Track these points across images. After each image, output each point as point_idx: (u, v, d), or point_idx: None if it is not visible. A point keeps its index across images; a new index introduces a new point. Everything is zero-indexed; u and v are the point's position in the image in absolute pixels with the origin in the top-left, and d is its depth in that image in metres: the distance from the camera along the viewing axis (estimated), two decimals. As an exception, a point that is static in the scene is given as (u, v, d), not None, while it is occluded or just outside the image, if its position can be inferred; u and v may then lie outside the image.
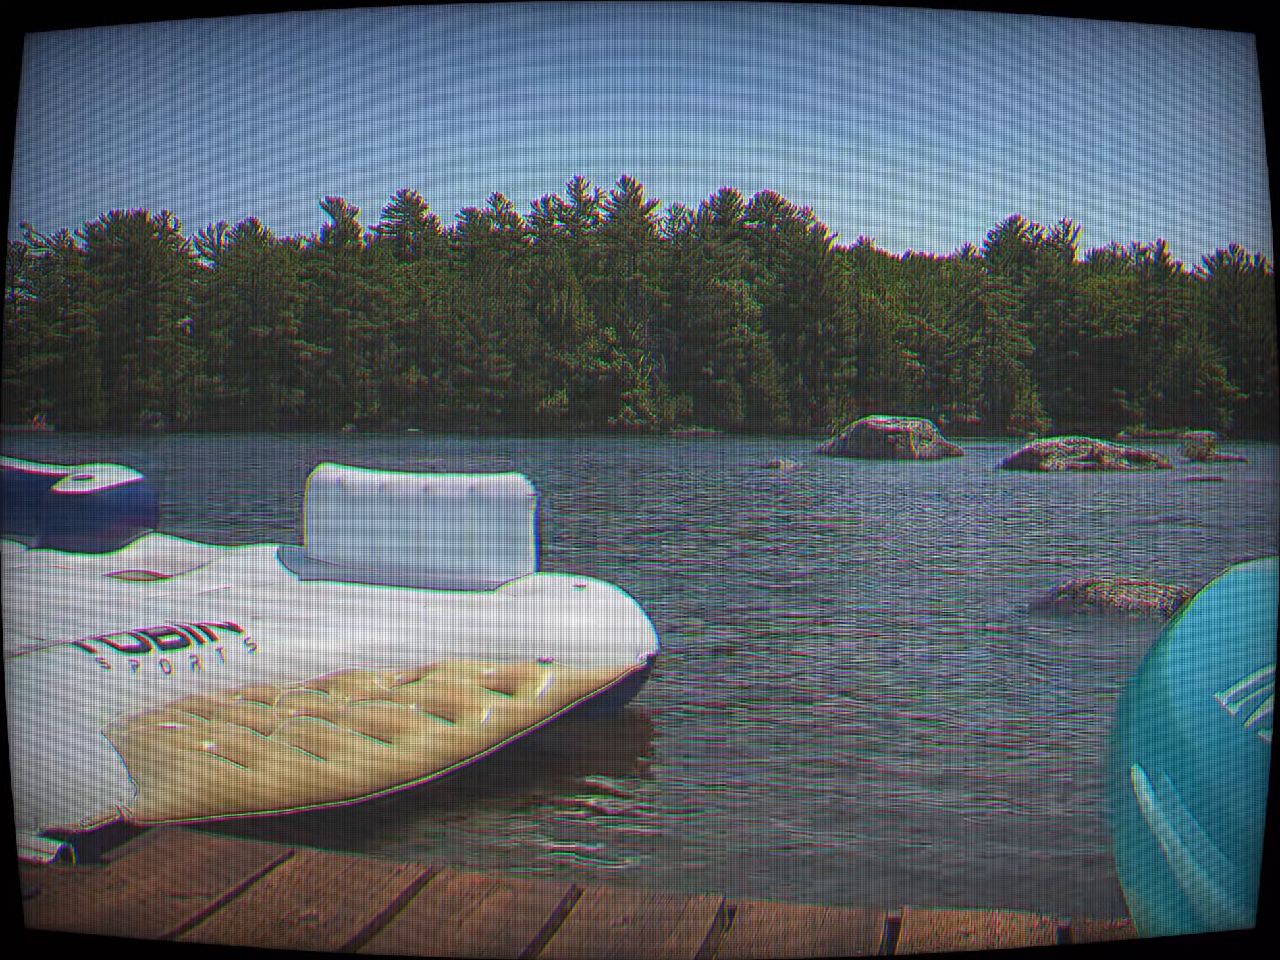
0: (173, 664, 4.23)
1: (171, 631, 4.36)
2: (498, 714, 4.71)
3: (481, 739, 4.60)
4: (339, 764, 4.09)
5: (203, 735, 3.96)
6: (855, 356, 57.51)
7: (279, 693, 4.48)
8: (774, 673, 6.66)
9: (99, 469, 6.48)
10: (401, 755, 4.29)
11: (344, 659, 4.77)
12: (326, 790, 4.02)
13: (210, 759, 3.85)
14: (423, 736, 4.39)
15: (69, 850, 3.03)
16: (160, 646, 4.25)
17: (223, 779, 3.80)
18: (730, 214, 60.65)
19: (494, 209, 60.34)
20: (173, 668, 4.22)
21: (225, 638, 4.47)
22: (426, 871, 2.95)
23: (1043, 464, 25.83)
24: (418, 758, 4.33)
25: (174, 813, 3.61)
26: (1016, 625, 7.95)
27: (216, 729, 4.03)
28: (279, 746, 4.05)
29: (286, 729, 4.19)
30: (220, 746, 3.92)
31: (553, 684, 4.96)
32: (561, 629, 5.21)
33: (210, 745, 3.90)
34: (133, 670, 4.10)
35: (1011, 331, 58.60)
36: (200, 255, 56.39)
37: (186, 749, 3.85)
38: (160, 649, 4.24)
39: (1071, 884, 3.78)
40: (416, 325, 55.48)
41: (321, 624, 4.97)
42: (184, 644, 4.32)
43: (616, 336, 56.50)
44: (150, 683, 4.14)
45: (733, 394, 56.23)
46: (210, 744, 3.91)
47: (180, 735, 3.92)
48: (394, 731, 4.35)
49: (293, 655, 4.65)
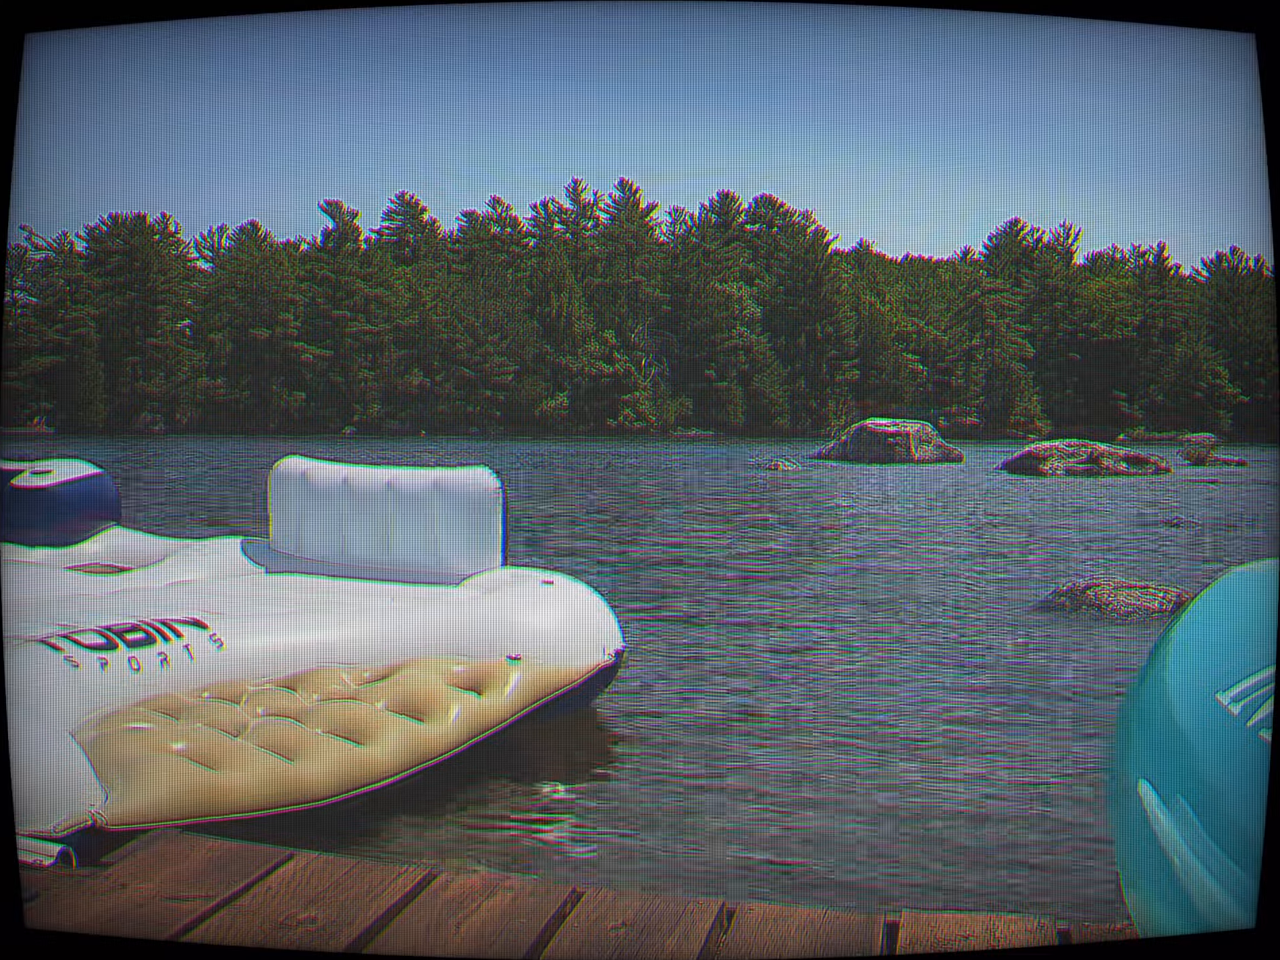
0: (141, 661, 4.17)
1: (136, 628, 4.30)
2: (466, 713, 4.67)
3: (450, 738, 4.55)
4: (307, 766, 4.05)
5: (172, 736, 3.90)
6: (855, 359, 57.57)
7: (247, 690, 4.43)
8: (766, 672, 6.66)
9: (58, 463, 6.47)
10: (370, 756, 4.24)
11: (311, 655, 4.72)
12: (295, 792, 3.97)
13: (180, 762, 3.80)
14: (391, 736, 4.34)
15: (69, 853, 3.03)
16: (127, 644, 4.19)
17: (193, 782, 3.74)
18: (730, 217, 60.71)
19: (494, 212, 60.47)
20: (141, 665, 4.17)
21: (191, 634, 4.42)
22: (426, 875, 2.95)
23: (1042, 467, 25.84)
24: (386, 758, 4.28)
25: (146, 817, 3.55)
26: (1016, 627, 7.95)
27: (186, 730, 3.98)
28: (248, 748, 4.00)
29: (255, 730, 4.15)
30: (190, 749, 3.86)
31: (522, 681, 4.93)
32: (530, 626, 5.18)
33: (180, 747, 3.85)
34: (101, 668, 4.04)
35: (1011, 334, 58.66)
36: (200, 258, 56.55)
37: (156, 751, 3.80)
38: (127, 646, 4.18)
39: (1071, 888, 3.78)
40: (417, 328, 55.53)
41: (288, 620, 4.92)
42: (150, 641, 4.27)
43: (616, 339, 56.55)
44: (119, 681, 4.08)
45: (733, 397, 56.29)
46: (180, 745, 3.86)
47: (150, 737, 3.87)
48: (362, 732, 4.31)
49: (260, 652, 4.60)
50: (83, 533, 6.37)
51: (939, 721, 5.65)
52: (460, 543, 5.73)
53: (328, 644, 4.82)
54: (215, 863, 3.00)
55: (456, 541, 5.73)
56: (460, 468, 5.94)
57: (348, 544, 5.90)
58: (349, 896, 2.81)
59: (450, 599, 5.43)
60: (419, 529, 5.77)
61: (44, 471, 6.36)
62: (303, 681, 4.61)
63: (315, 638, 4.83)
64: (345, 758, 4.18)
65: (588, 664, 5.27)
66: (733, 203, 60.82)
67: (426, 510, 5.76)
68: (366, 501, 5.88)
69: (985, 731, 5.49)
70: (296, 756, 4.07)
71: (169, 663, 4.28)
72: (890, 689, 6.29)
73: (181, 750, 3.85)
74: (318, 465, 6.12)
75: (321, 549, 5.98)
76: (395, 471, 5.97)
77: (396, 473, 5.96)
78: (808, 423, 54.76)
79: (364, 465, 6.17)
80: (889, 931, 2.68)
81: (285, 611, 5.08)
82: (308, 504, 5.99)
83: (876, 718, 5.72)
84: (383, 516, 5.83)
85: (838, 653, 7.23)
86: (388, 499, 5.83)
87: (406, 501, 5.81)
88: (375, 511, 5.84)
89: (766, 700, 6.04)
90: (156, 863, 3.00)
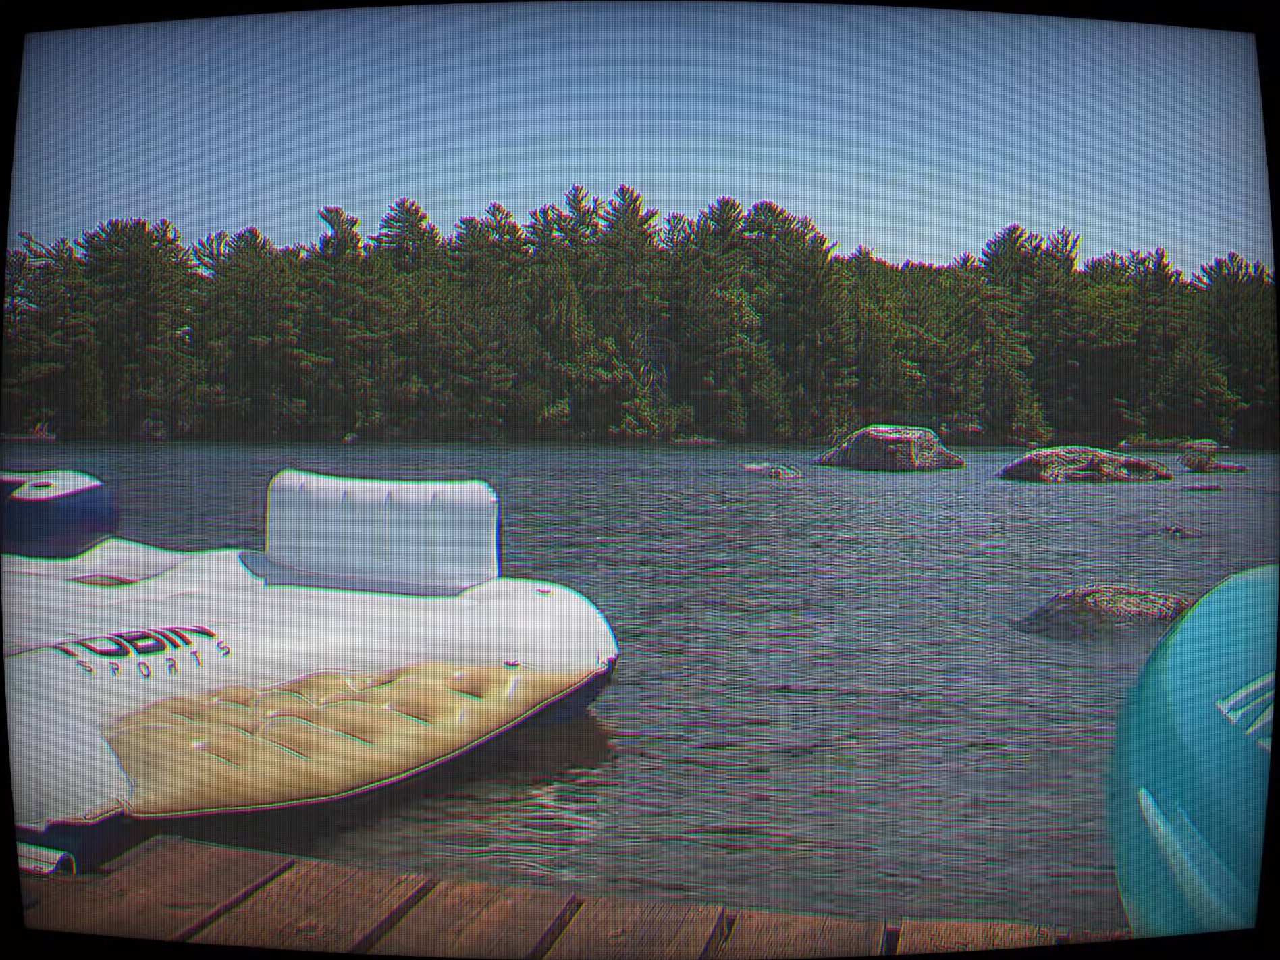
0: (150, 667, 4.34)
1: (146, 635, 4.47)
2: (471, 714, 4.83)
3: (456, 739, 4.72)
4: (322, 762, 4.22)
5: (190, 734, 4.06)
6: (855, 366, 57.54)
7: (254, 695, 4.60)
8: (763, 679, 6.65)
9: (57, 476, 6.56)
10: (380, 753, 4.41)
11: (315, 662, 4.88)
12: (311, 787, 4.14)
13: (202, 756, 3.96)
14: (401, 736, 4.52)
15: (69, 860, 3.03)
16: (137, 650, 4.36)
17: (216, 775, 3.92)
18: (729, 224, 60.70)
19: (493, 219, 60.42)
20: (150, 671, 4.34)
21: (199, 641, 4.59)
22: (426, 882, 2.94)
23: (1043, 473, 25.82)
24: (396, 756, 4.46)
25: (172, 807, 3.74)
26: (1015, 634, 7.94)
27: (203, 728, 4.13)
28: (265, 745, 4.16)
29: (270, 728, 4.31)
30: (210, 745, 4.03)
31: (519, 686, 5.08)
32: (526, 633, 5.34)
33: (199, 744, 4.01)
34: (113, 673, 4.21)
35: (1011, 341, 58.63)
36: (200, 265, 56.46)
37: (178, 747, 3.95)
38: (138, 652, 4.35)
39: (1071, 896, 3.77)
40: (416, 335, 55.50)
41: (292, 628, 5.09)
42: (159, 648, 4.44)
43: (616, 346, 56.53)
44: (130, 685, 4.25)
45: (734, 404, 56.26)
46: (199, 742, 4.02)
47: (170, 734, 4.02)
48: (373, 731, 4.48)
49: (265, 658, 4.78)
50: (82, 545, 6.45)
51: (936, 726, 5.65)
52: (457, 555, 5.81)
53: (330, 651, 4.97)
54: (215, 869, 3.00)
55: (453, 554, 5.81)
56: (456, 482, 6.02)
57: (345, 556, 5.98)
58: (349, 904, 2.81)
59: (448, 608, 5.52)
60: (417, 541, 5.87)
61: (43, 485, 6.44)
62: (307, 686, 4.75)
63: (319, 645, 4.98)
64: (357, 755, 4.33)
65: (582, 670, 5.39)
66: (732, 210, 60.82)
67: (424, 523, 5.85)
68: (365, 514, 5.97)
69: (983, 735, 5.49)
70: (311, 753, 4.23)
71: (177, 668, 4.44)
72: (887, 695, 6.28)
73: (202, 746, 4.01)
74: (316, 479, 6.21)
75: (319, 561, 6.05)
76: (394, 485, 6.06)
77: (395, 486, 6.04)
78: (809, 430, 54.72)
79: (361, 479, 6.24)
80: (889, 939, 2.67)
81: (289, 620, 5.19)
82: (306, 517, 6.08)
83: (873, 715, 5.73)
84: (380, 529, 5.92)
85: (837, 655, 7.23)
86: (386, 512, 5.92)
87: (405, 514, 5.90)
88: (373, 524, 5.94)
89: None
90: (156, 869, 3.00)
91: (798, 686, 6.50)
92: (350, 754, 4.32)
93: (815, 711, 5.99)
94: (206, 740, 4.04)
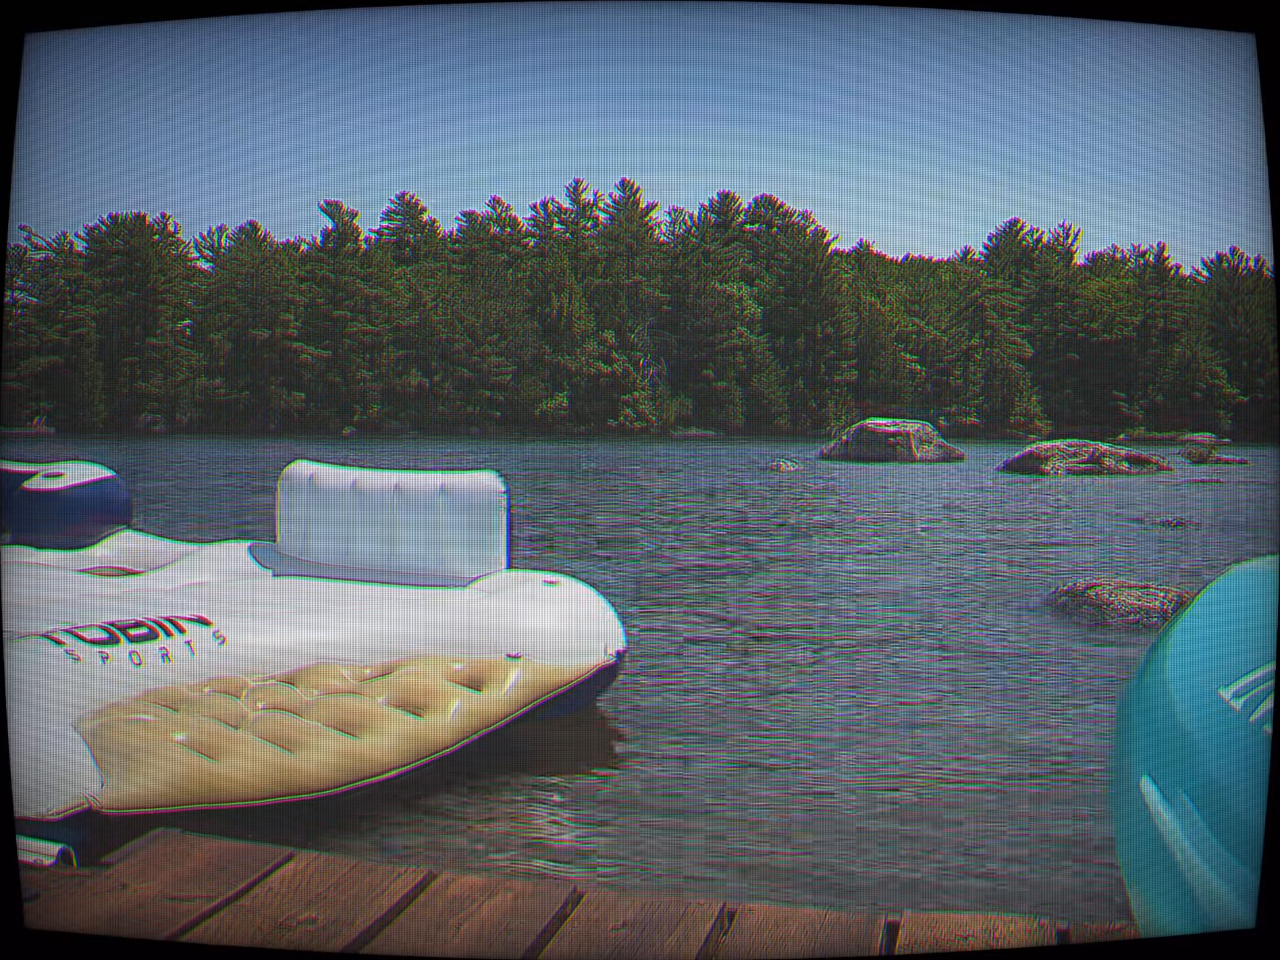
0: (142, 656, 4.25)
1: (140, 624, 4.38)
2: (465, 708, 4.70)
3: (449, 734, 4.60)
4: (306, 757, 4.11)
5: (172, 727, 3.96)
6: (855, 359, 57.53)
7: (247, 685, 4.49)
8: (765, 674, 6.66)
9: (70, 466, 6.54)
10: (368, 749, 4.29)
11: (312, 653, 4.79)
12: (294, 783, 4.03)
13: (179, 750, 3.85)
14: (389, 730, 4.39)
15: (69, 853, 3.03)
16: (129, 639, 4.27)
17: (191, 771, 3.81)
18: (730, 217, 60.68)
19: (493, 212, 60.41)
20: (142, 659, 4.24)
21: (194, 630, 4.50)
22: (427, 875, 2.94)
23: (1043, 467, 25.80)
24: (384, 751, 4.33)
25: (142, 803, 3.62)
26: (1017, 627, 7.95)
27: (186, 721, 4.04)
28: (247, 739, 4.06)
29: (255, 722, 4.20)
30: (190, 738, 3.92)
31: (521, 679, 4.97)
32: (531, 625, 5.24)
33: (180, 737, 3.91)
34: (102, 662, 4.12)
35: (1011, 334, 58.63)
36: (200, 258, 56.46)
37: (156, 740, 3.85)
38: (129, 641, 4.26)
39: (1072, 888, 3.77)
40: (416, 328, 55.49)
41: (291, 618, 4.99)
42: (152, 636, 4.35)
43: (616, 339, 56.52)
44: (120, 674, 4.16)
45: (733, 397, 56.26)
46: (180, 736, 3.92)
47: (150, 727, 3.93)
48: (361, 725, 4.36)
49: (261, 648, 4.68)
50: (93, 536, 6.43)
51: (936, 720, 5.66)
52: (465, 546, 5.77)
53: (329, 641, 4.89)
54: (216, 862, 3.00)
55: (462, 545, 5.78)
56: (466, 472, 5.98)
57: (354, 547, 5.95)
58: (349, 896, 2.81)
59: (451, 599, 5.47)
60: (425, 532, 5.83)
61: (56, 475, 6.42)
62: (303, 677, 4.67)
63: (317, 635, 4.91)
64: (343, 749, 4.23)
65: (589, 663, 5.31)
66: (733, 203, 60.80)
67: (432, 513, 5.82)
68: (374, 505, 5.94)
69: (983, 733, 5.49)
70: (295, 748, 4.13)
71: (170, 657, 4.35)
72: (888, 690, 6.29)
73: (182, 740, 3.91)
74: (326, 469, 6.17)
75: (328, 552, 6.03)
76: (402, 475, 6.03)
77: (403, 476, 6.01)
78: (807, 423, 54.72)
79: (370, 470, 6.22)
80: (889, 931, 2.67)
81: (289, 610, 5.13)
82: (315, 507, 6.05)
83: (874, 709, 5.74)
84: (389, 519, 5.89)
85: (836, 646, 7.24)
86: (394, 502, 5.88)
87: (413, 505, 5.87)
88: (382, 515, 5.90)
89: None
90: (157, 862, 3.00)
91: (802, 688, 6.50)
92: (336, 749, 4.20)
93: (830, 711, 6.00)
94: (187, 733, 3.94)
